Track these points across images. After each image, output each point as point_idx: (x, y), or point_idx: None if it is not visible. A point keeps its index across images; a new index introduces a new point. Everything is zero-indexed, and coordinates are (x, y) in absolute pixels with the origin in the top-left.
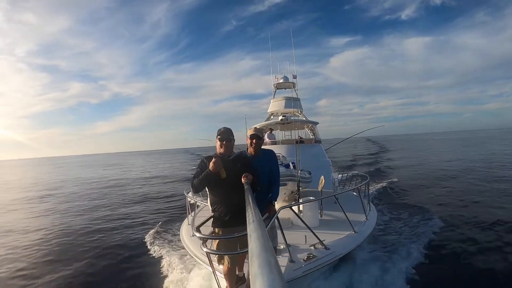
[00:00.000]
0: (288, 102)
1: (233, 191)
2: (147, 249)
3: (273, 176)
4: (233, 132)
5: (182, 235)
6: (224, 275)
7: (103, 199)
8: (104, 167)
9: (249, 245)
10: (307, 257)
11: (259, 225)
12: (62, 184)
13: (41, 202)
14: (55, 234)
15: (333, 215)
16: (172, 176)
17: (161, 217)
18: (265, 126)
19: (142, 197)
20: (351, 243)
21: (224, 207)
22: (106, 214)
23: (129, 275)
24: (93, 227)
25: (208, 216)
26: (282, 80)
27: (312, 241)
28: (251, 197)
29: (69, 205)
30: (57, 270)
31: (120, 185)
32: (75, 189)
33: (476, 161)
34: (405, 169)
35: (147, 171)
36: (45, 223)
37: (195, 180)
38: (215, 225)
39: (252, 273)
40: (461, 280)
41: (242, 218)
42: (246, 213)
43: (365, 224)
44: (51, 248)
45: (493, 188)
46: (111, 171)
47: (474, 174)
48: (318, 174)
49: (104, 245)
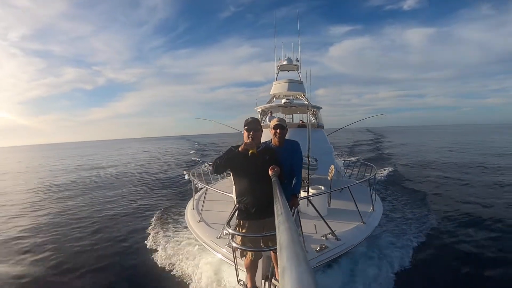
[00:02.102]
0: (291, 85)
1: (260, 183)
2: (149, 235)
3: (295, 167)
4: (260, 122)
5: (188, 221)
6: (246, 268)
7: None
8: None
9: (277, 238)
10: (320, 248)
11: (287, 218)
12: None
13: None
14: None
15: (340, 204)
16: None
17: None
18: (267, 108)
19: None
20: (361, 235)
21: (250, 199)
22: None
23: (131, 264)
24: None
25: (233, 208)
26: (285, 62)
27: (322, 231)
28: (279, 190)
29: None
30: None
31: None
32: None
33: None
34: (403, 157)
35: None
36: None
37: (219, 160)
38: (241, 217)
39: (280, 265)
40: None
41: (268, 211)
42: (273, 206)
43: (372, 215)
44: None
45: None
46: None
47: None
48: (321, 160)
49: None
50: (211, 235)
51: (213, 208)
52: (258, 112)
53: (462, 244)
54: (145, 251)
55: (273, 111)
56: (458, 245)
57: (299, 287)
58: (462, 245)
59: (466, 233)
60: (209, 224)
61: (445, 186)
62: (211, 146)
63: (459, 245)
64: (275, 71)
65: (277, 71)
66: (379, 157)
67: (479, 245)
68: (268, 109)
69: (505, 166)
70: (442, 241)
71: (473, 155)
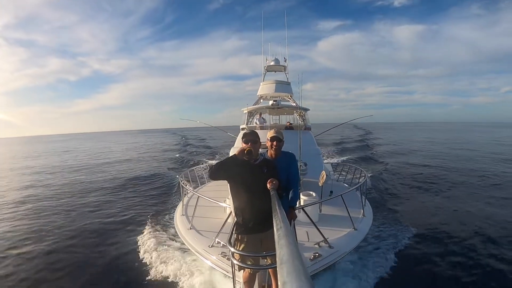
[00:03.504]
0: (278, 86)
1: (258, 197)
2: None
3: (292, 179)
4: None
5: (178, 228)
6: (244, 282)
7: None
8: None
9: (277, 252)
10: (314, 256)
11: (287, 232)
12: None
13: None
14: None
15: (331, 210)
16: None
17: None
18: (255, 110)
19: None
20: (353, 241)
21: (248, 212)
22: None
23: (121, 268)
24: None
25: (226, 219)
26: (273, 62)
27: (315, 238)
28: (278, 203)
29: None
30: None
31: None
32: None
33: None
34: (390, 156)
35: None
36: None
37: (215, 166)
38: (239, 232)
39: (281, 280)
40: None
41: (266, 224)
42: (272, 219)
43: (363, 221)
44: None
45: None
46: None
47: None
48: (310, 163)
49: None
50: (203, 243)
51: (204, 215)
52: (245, 113)
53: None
54: (135, 260)
55: (261, 112)
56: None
57: None
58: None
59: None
60: (200, 232)
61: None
62: (196, 141)
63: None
64: (263, 71)
65: (264, 72)
66: (367, 156)
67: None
68: (255, 110)
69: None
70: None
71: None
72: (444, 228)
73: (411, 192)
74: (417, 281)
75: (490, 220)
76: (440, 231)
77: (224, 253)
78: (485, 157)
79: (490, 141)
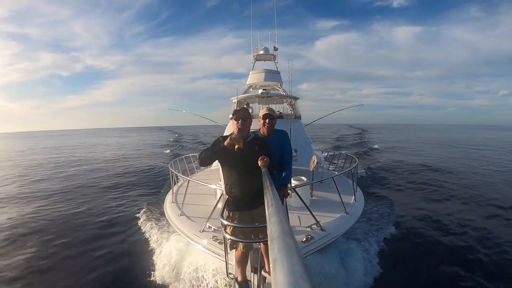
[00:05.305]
0: (268, 75)
1: (249, 174)
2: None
3: (285, 157)
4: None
5: (168, 215)
6: (237, 261)
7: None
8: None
9: (268, 229)
10: (306, 239)
11: (278, 209)
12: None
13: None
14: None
15: (322, 196)
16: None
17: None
18: (244, 99)
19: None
20: (345, 225)
21: (240, 190)
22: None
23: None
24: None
25: (218, 199)
26: (262, 51)
27: (307, 222)
28: (269, 180)
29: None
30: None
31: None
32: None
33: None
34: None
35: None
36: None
37: (204, 153)
38: (230, 208)
39: (271, 257)
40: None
41: (257, 201)
42: (263, 197)
43: (354, 206)
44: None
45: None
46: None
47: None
48: (300, 151)
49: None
50: (193, 228)
51: (193, 201)
52: (234, 102)
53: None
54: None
55: (249, 102)
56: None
57: (291, 279)
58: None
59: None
60: (191, 217)
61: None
62: (190, 137)
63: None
64: (252, 60)
65: (253, 61)
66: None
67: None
68: (245, 100)
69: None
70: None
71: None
72: (432, 216)
73: (404, 184)
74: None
75: (481, 210)
76: (429, 220)
77: (216, 237)
78: (476, 158)
79: (486, 141)
